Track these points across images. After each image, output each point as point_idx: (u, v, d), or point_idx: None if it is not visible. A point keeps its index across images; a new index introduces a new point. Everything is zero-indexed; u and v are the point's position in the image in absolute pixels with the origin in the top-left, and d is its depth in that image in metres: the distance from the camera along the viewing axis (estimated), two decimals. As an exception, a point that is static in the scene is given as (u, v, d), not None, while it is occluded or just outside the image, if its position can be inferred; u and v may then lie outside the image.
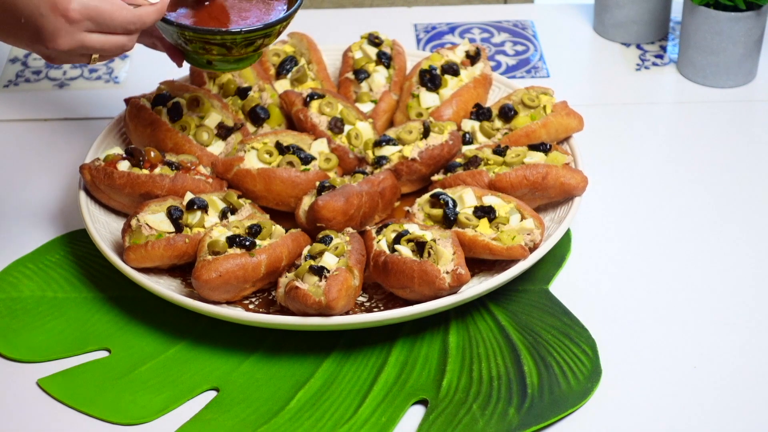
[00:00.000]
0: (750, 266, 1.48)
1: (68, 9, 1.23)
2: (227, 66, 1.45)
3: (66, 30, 1.24)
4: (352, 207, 1.44)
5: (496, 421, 1.27)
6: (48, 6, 1.23)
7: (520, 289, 1.44)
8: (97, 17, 1.25)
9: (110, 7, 1.26)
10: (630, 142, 1.70)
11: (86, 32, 1.26)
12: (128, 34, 1.30)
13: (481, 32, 1.94)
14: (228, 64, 1.44)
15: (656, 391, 1.31)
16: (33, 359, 1.36)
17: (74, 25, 1.24)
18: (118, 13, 1.27)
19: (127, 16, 1.28)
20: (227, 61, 1.43)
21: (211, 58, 1.42)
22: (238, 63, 1.45)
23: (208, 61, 1.43)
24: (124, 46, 1.30)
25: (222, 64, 1.44)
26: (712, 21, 1.73)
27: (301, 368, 1.34)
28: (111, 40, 1.28)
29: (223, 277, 1.33)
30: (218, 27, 1.40)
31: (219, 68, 1.45)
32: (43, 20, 1.24)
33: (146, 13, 1.30)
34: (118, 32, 1.29)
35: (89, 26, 1.26)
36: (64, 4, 1.23)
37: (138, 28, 1.30)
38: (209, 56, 1.42)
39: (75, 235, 1.52)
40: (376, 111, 1.63)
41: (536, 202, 1.48)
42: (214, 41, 1.39)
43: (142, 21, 1.29)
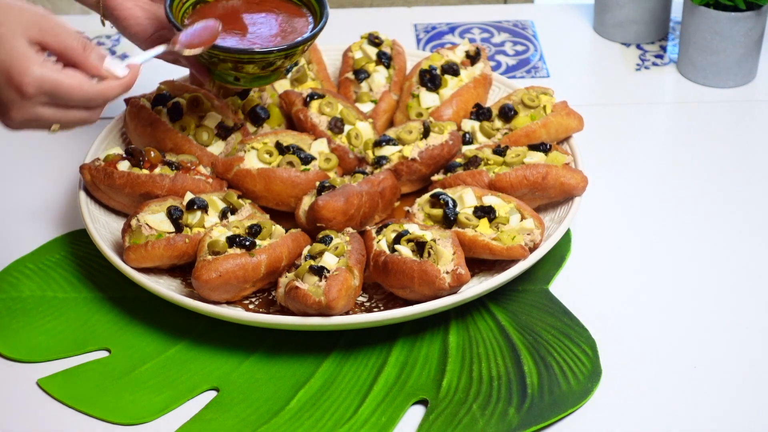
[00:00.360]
0: (750, 266, 1.48)
1: (23, 83, 1.14)
2: (256, 82, 1.46)
3: (20, 103, 1.16)
4: (352, 207, 1.44)
5: (496, 421, 1.27)
6: (3, 77, 1.15)
7: (520, 289, 1.44)
8: (53, 92, 1.16)
9: (68, 82, 1.16)
10: (630, 142, 1.70)
11: (42, 106, 1.17)
12: (88, 109, 1.21)
13: (481, 32, 1.94)
14: (256, 80, 1.46)
15: (656, 391, 1.31)
16: (33, 359, 1.36)
17: (29, 99, 1.15)
18: (77, 89, 1.17)
19: (87, 92, 1.18)
20: (256, 77, 1.45)
21: (239, 75, 1.42)
22: (267, 79, 1.46)
23: (236, 77, 1.43)
24: (86, 120, 1.21)
25: (250, 81, 1.45)
26: (712, 21, 1.73)
27: (301, 368, 1.34)
28: (69, 115, 1.19)
29: (223, 277, 1.33)
30: (249, 46, 1.41)
31: (246, 84, 1.46)
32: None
33: (109, 89, 1.20)
34: (78, 107, 1.19)
35: (44, 100, 1.17)
36: (18, 77, 1.14)
37: (100, 104, 1.21)
38: (238, 73, 1.42)
39: (75, 235, 1.52)
40: (376, 111, 1.63)
41: (536, 202, 1.48)
42: (249, 60, 1.40)
43: (104, 97, 1.20)
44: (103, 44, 1.90)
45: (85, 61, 1.18)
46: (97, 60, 1.19)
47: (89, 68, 1.19)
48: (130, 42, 1.90)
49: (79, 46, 1.18)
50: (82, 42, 1.19)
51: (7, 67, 1.14)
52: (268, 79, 1.47)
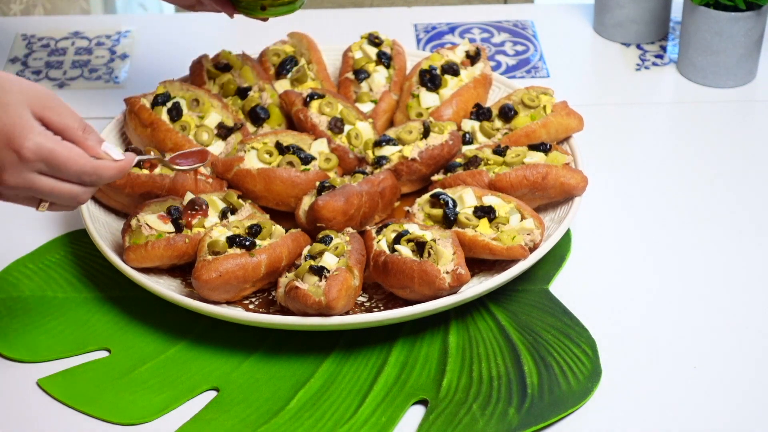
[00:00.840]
0: (751, 266, 1.48)
1: (23, 146, 1.16)
2: (280, 10, 1.45)
3: (16, 167, 1.18)
4: (352, 207, 1.44)
5: (496, 421, 1.27)
6: (2, 140, 1.17)
7: (520, 289, 1.44)
8: (51, 160, 1.18)
9: (67, 154, 1.19)
10: (630, 142, 1.70)
11: (37, 173, 1.19)
12: (82, 185, 1.22)
13: (481, 32, 1.94)
14: (282, 7, 1.44)
15: (656, 391, 1.31)
16: (33, 359, 1.36)
17: (25, 163, 1.17)
18: (74, 161, 1.19)
19: (84, 166, 1.20)
20: (281, 4, 1.44)
21: (265, 2, 1.41)
22: (290, 5, 1.45)
23: (262, 6, 1.42)
24: (77, 197, 1.22)
25: (275, 9, 1.44)
26: (712, 21, 1.73)
27: (301, 368, 1.34)
28: (63, 187, 1.21)
29: (223, 277, 1.33)
30: None
31: (272, 13, 1.45)
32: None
33: (105, 168, 1.22)
34: (72, 181, 1.21)
35: (41, 168, 1.18)
36: (19, 140, 1.17)
37: (93, 182, 1.22)
38: (264, 1, 1.41)
39: (75, 235, 1.52)
40: (376, 111, 1.63)
41: (536, 202, 1.48)
42: None
43: (99, 175, 1.21)
44: (102, 44, 1.90)
45: (83, 141, 1.21)
46: (95, 142, 1.22)
47: (87, 148, 1.21)
48: (130, 41, 1.91)
49: (79, 128, 1.21)
50: (82, 124, 1.22)
51: (10, 129, 1.17)
52: (292, 6, 1.46)
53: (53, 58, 1.87)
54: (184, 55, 1.74)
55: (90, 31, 1.94)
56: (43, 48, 1.89)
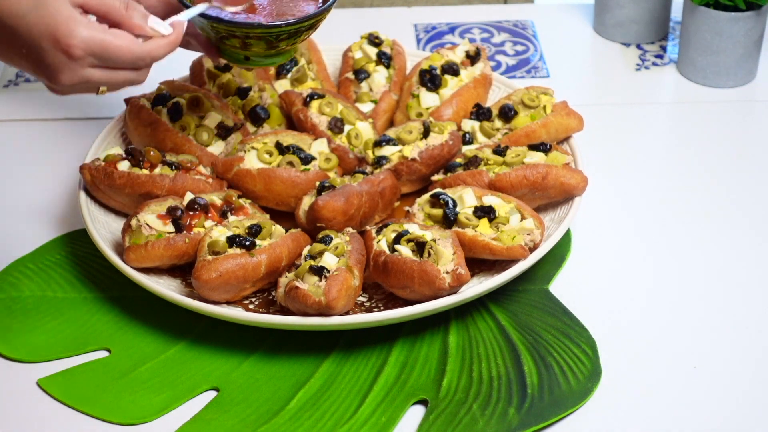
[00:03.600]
0: (750, 266, 1.48)
1: (70, 44, 1.13)
2: (264, 61, 1.44)
3: (68, 66, 1.15)
4: (352, 207, 1.44)
5: (496, 421, 1.27)
6: (49, 40, 1.13)
7: (520, 289, 1.44)
8: (101, 53, 1.15)
9: (116, 43, 1.15)
10: (630, 142, 1.70)
11: (90, 67, 1.16)
12: (136, 69, 1.20)
13: (481, 32, 1.94)
14: (265, 59, 1.43)
15: (656, 391, 1.31)
16: (33, 359, 1.36)
17: (76, 60, 1.14)
18: (126, 49, 1.16)
19: (135, 51, 1.17)
20: (265, 56, 1.43)
21: (248, 53, 1.41)
22: (274, 58, 1.44)
23: (246, 57, 1.42)
24: (134, 81, 1.21)
25: (259, 60, 1.43)
26: (712, 21, 1.73)
27: (301, 368, 1.34)
28: (118, 76, 1.18)
29: (223, 277, 1.33)
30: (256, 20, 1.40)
31: (256, 64, 1.44)
32: (45, 54, 1.14)
33: (156, 48, 1.19)
34: (126, 67, 1.19)
35: (93, 62, 1.16)
36: (66, 39, 1.13)
37: (148, 64, 1.20)
38: (247, 52, 1.41)
39: (75, 235, 1.52)
40: (376, 111, 1.63)
41: (536, 202, 1.48)
42: (254, 35, 1.37)
43: (152, 56, 1.19)
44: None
45: (129, 20, 1.18)
46: (141, 19, 1.19)
47: (134, 28, 1.18)
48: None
49: (122, 6, 1.17)
50: (124, 2, 1.18)
51: (53, 30, 1.12)
52: (276, 59, 1.45)
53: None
54: (184, 55, 1.74)
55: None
56: (43, 48, 1.89)
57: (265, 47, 1.40)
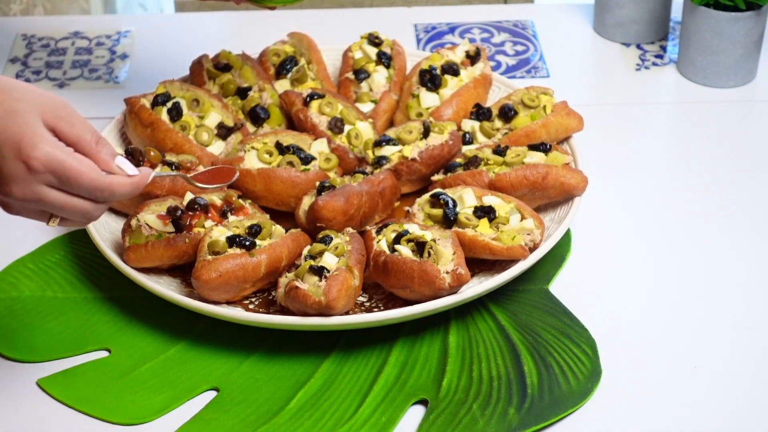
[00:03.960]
0: (750, 265, 1.48)
1: (31, 156, 1.10)
2: None
3: (24, 178, 1.12)
4: (352, 207, 1.44)
5: (496, 421, 1.27)
6: (11, 148, 1.11)
7: (520, 289, 1.44)
8: (61, 173, 1.12)
9: (78, 166, 1.12)
10: (630, 142, 1.70)
11: (46, 185, 1.13)
12: (94, 202, 1.16)
13: (481, 32, 1.94)
14: None
15: (656, 391, 1.31)
16: (33, 359, 1.36)
17: (34, 174, 1.11)
18: (86, 175, 1.13)
19: (95, 180, 1.14)
20: None
21: None
22: None
23: None
24: (88, 214, 1.16)
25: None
26: (712, 21, 1.73)
27: (301, 368, 1.34)
28: (73, 203, 1.14)
29: (223, 277, 1.33)
30: None
31: (279, 1, 1.40)
32: (2, 162, 1.12)
33: (118, 183, 1.16)
34: (84, 196, 1.15)
35: (51, 180, 1.12)
36: (27, 149, 1.11)
37: (105, 198, 1.16)
38: None
39: (75, 235, 1.52)
40: (376, 111, 1.63)
41: (536, 202, 1.48)
42: None
43: (111, 190, 1.15)
44: (103, 44, 1.90)
45: (96, 154, 1.15)
46: (109, 156, 1.17)
47: (100, 162, 1.16)
48: (130, 41, 1.91)
49: (93, 140, 1.16)
50: (96, 135, 1.16)
51: (18, 139, 1.11)
52: None
53: (53, 58, 1.87)
54: (184, 55, 1.74)
55: (90, 31, 1.94)
56: (43, 48, 1.89)
57: None
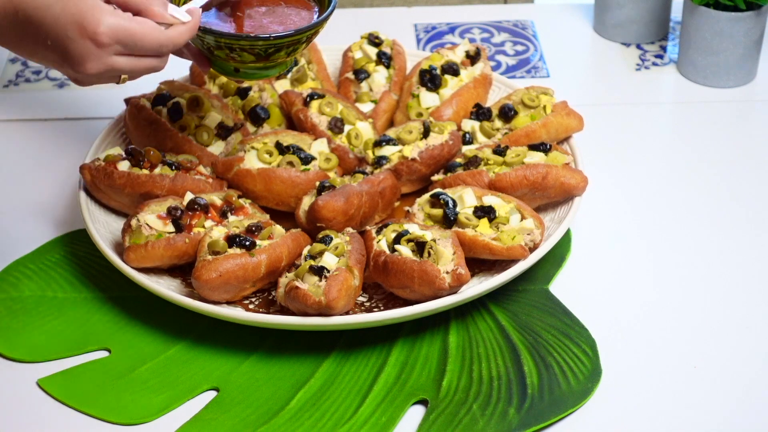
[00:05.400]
0: (750, 265, 1.48)
1: (97, 32, 1.16)
2: (255, 74, 1.41)
3: (94, 54, 1.17)
4: (352, 207, 1.44)
5: (496, 421, 1.27)
6: (75, 29, 1.16)
7: (520, 289, 1.44)
8: (126, 40, 1.18)
9: (141, 29, 1.19)
10: (630, 142, 1.70)
11: (115, 55, 1.19)
12: (159, 56, 1.23)
13: (481, 32, 1.94)
14: (256, 71, 1.41)
15: (656, 391, 1.31)
16: (33, 359, 1.36)
17: (103, 48, 1.17)
18: (150, 36, 1.20)
19: (158, 38, 1.20)
20: (255, 68, 1.40)
21: (238, 65, 1.40)
22: (265, 71, 1.41)
23: (236, 68, 1.40)
24: (155, 68, 1.24)
25: (250, 72, 1.41)
26: (712, 21, 1.73)
27: (301, 368, 1.34)
28: (141, 63, 1.22)
29: (223, 277, 1.33)
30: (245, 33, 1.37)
31: (246, 76, 1.41)
32: (71, 43, 1.16)
33: (178, 34, 1.23)
34: (149, 54, 1.22)
35: (119, 49, 1.19)
36: (92, 26, 1.15)
37: (170, 50, 1.23)
38: (236, 63, 1.39)
39: (75, 235, 1.52)
40: (376, 111, 1.63)
41: (536, 202, 1.48)
42: (242, 47, 1.35)
43: (174, 42, 1.23)
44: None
45: (150, 8, 1.21)
46: (161, 7, 1.22)
47: (155, 16, 1.21)
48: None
49: None
50: None
51: (80, 19, 1.15)
52: (268, 72, 1.42)
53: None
54: (183, 55, 1.74)
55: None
56: (43, 48, 1.89)
57: (254, 59, 1.38)
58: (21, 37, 1.18)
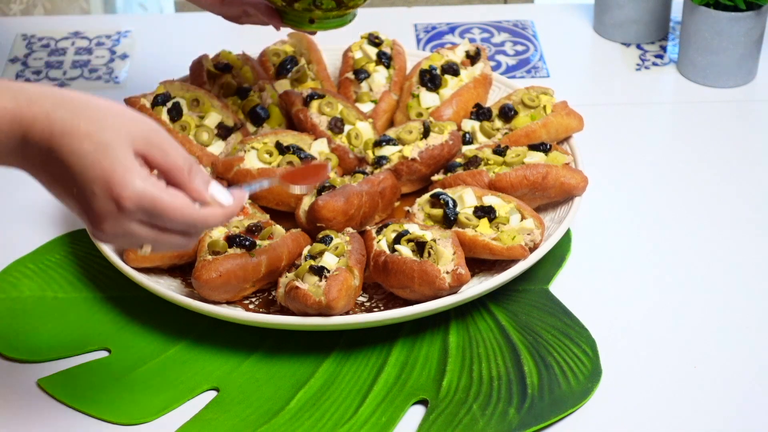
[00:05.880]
0: (750, 265, 1.48)
1: (122, 195, 1.05)
2: (330, 23, 1.44)
3: (114, 216, 1.06)
4: (352, 207, 1.44)
5: (496, 421, 1.27)
6: (102, 185, 1.05)
7: (520, 289, 1.44)
8: (152, 210, 1.06)
9: (170, 203, 1.06)
10: (630, 142, 1.70)
11: (137, 223, 1.07)
12: (186, 235, 1.10)
13: (481, 32, 1.94)
14: (332, 20, 1.44)
15: (656, 391, 1.31)
16: (33, 359, 1.36)
17: (124, 213, 1.06)
18: (177, 211, 1.07)
19: (189, 216, 1.08)
20: (332, 16, 1.43)
21: (314, 15, 1.40)
22: (341, 19, 1.44)
23: (311, 19, 1.40)
24: (180, 246, 1.11)
25: (325, 22, 1.43)
26: (712, 21, 1.73)
27: (301, 368, 1.34)
28: (165, 238, 1.09)
29: (223, 277, 1.33)
30: None
31: (320, 27, 1.43)
32: (94, 199, 1.06)
33: (212, 216, 1.10)
34: (175, 232, 1.09)
35: (141, 218, 1.07)
36: (118, 188, 1.05)
37: (199, 231, 1.10)
38: (312, 14, 1.39)
39: (75, 235, 1.52)
40: (376, 111, 1.63)
41: (536, 202, 1.48)
42: None
43: (205, 224, 1.09)
44: (103, 44, 1.90)
45: (189, 183, 1.09)
46: (202, 184, 1.10)
47: (193, 192, 1.09)
48: (130, 41, 1.91)
49: (185, 168, 1.09)
50: (188, 163, 1.10)
51: (108, 176, 1.06)
52: (343, 19, 1.45)
53: (53, 58, 1.87)
54: (184, 55, 1.74)
55: (90, 31, 1.94)
56: (43, 48, 1.89)
57: (335, 5, 1.40)
58: (51, 174, 1.09)
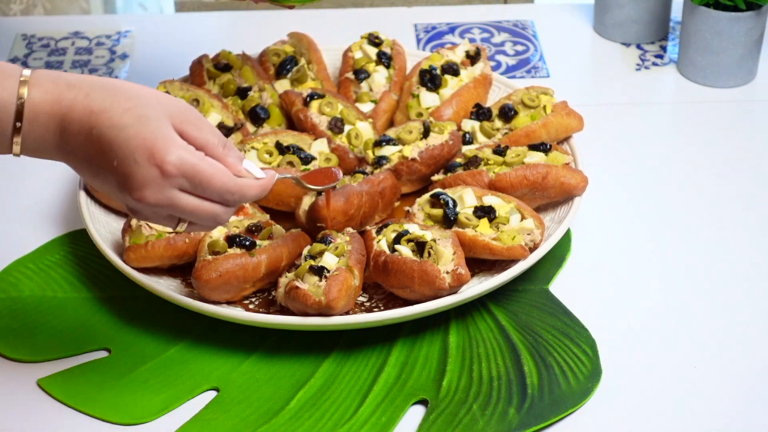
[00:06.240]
0: (750, 266, 1.48)
1: (165, 160, 1.10)
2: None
3: (157, 182, 1.11)
4: (352, 207, 1.44)
5: (496, 421, 1.27)
6: (144, 153, 1.10)
7: (520, 289, 1.44)
8: (194, 176, 1.11)
9: (210, 169, 1.12)
10: (630, 142, 1.70)
11: (179, 190, 1.12)
12: (224, 205, 1.16)
13: (481, 32, 1.94)
14: None
15: (656, 391, 1.31)
16: (33, 359, 1.36)
17: (167, 178, 1.11)
18: (218, 178, 1.13)
19: (227, 183, 1.14)
20: None
21: None
22: None
23: None
24: (218, 218, 1.16)
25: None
26: (712, 21, 1.73)
27: (301, 368, 1.34)
28: (204, 207, 1.14)
29: (223, 277, 1.33)
30: None
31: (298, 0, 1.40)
32: (136, 167, 1.11)
33: (248, 186, 1.16)
34: (214, 199, 1.15)
35: (183, 184, 1.12)
36: (161, 154, 1.10)
37: (236, 201, 1.16)
38: None
39: (75, 235, 1.52)
40: (376, 111, 1.63)
41: (536, 202, 1.48)
42: None
43: (242, 194, 1.16)
44: (103, 44, 1.90)
45: (224, 158, 1.15)
46: (236, 159, 1.17)
47: (228, 165, 1.16)
48: (130, 41, 1.91)
49: (220, 143, 1.15)
50: (222, 140, 1.16)
51: (151, 144, 1.10)
52: None
53: (53, 58, 1.87)
54: (184, 55, 1.74)
55: (90, 31, 1.94)
56: (43, 48, 1.89)
57: None
58: (89, 155, 1.13)
